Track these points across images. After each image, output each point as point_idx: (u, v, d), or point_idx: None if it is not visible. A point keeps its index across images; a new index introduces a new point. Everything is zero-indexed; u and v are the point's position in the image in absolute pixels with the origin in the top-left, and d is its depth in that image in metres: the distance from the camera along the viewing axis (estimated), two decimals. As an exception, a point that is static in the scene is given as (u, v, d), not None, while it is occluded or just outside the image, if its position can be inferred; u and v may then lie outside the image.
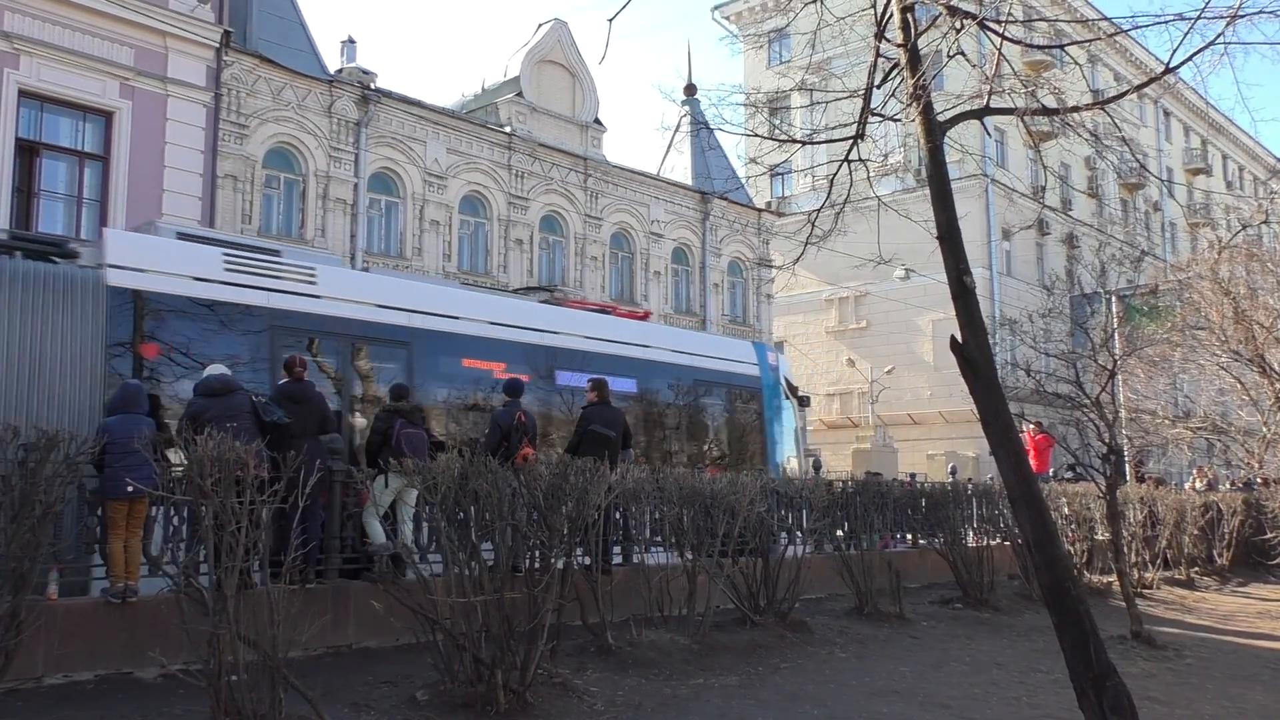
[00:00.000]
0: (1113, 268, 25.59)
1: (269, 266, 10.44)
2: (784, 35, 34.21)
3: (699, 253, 29.25)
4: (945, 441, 33.81)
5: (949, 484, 15.82)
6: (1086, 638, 6.65)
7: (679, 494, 9.94)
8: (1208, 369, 21.54)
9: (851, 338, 38.66)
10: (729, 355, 15.94)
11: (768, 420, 15.98)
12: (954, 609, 12.97)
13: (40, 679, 6.81)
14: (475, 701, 6.91)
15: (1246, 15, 6.56)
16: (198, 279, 9.80)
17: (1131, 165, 31.90)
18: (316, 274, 10.82)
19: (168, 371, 9.57)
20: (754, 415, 15.94)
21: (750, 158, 19.23)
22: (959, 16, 7.41)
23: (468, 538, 7.33)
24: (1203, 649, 11.91)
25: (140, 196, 16.70)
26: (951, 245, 7.16)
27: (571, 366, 13.03)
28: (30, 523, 6.30)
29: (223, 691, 5.88)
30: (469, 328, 12.08)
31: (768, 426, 15.97)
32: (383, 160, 21.86)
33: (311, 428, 8.84)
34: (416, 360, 11.44)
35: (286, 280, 10.46)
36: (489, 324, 12.36)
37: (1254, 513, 19.86)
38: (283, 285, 10.39)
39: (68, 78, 16.13)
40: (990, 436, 7.10)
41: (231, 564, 6.01)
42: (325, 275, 10.97)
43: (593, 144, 26.50)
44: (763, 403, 15.94)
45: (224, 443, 6.22)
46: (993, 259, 36.33)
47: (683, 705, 7.60)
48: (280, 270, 10.50)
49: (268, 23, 20.31)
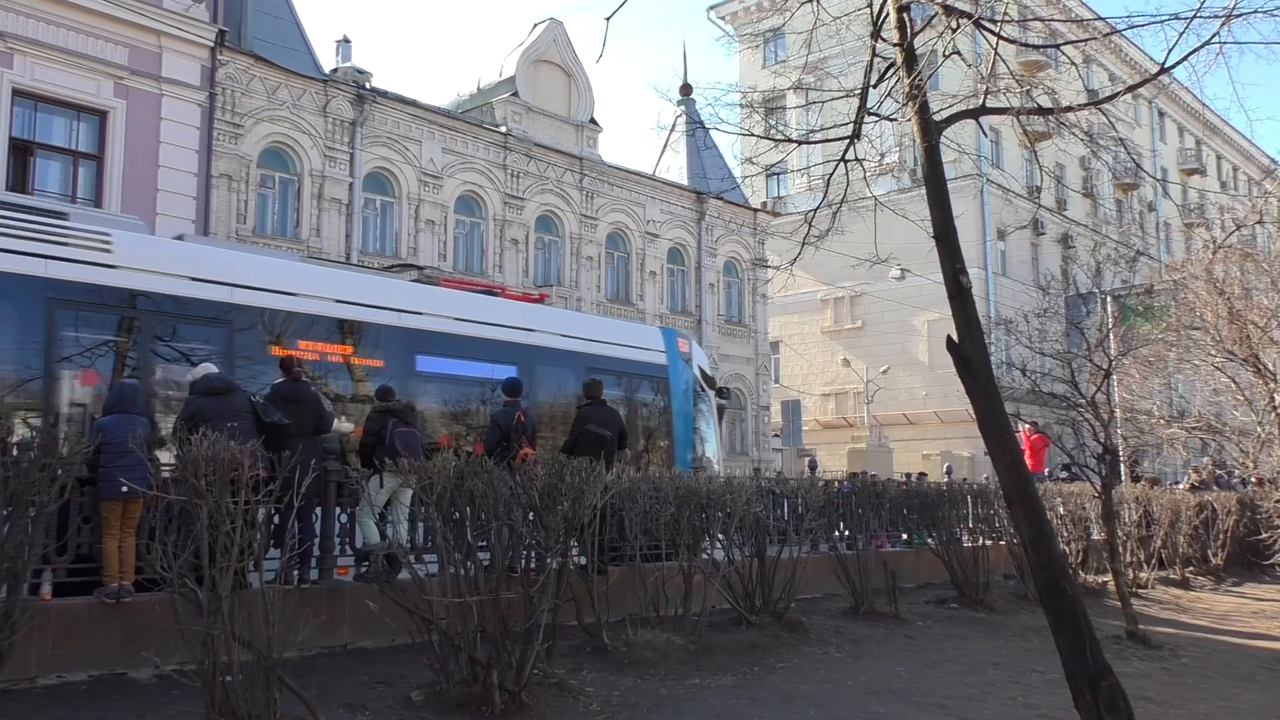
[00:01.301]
0: (1108, 268, 25.69)
1: (49, 231, 9.06)
2: (779, 35, 34.26)
3: (694, 253, 29.24)
4: (940, 441, 33.85)
5: (944, 484, 15.83)
6: (1082, 637, 6.65)
7: (675, 494, 9.95)
8: (1202, 369, 21.53)
9: (847, 338, 38.69)
10: (630, 342, 14.49)
11: (676, 412, 14.57)
12: (950, 609, 12.98)
13: (34, 679, 6.78)
14: (471, 702, 6.90)
15: (1242, 15, 6.57)
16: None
17: (1126, 165, 31.94)
18: (112, 241, 9.46)
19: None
20: (660, 407, 14.57)
21: (746, 157, 19.24)
22: (955, 16, 7.40)
23: (463, 537, 7.32)
24: (1198, 649, 11.92)
25: (134, 196, 16.66)
26: (948, 245, 7.16)
27: (439, 351, 11.82)
28: (24, 522, 6.27)
29: (217, 692, 5.87)
30: (309, 305, 10.77)
31: (676, 419, 14.57)
32: (378, 160, 21.84)
33: (308, 428, 8.83)
34: (238, 340, 10.12)
35: (72, 247, 9.08)
36: (335, 302, 11.09)
37: (1249, 512, 19.90)
38: (67, 252, 9.01)
39: (62, 77, 16.09)
40: (986, 436, 7.10)
41: (226, 564, 6.00)
42: (124, 242, 9.61)
43: (588, 144, 26.49)
44: (670, 394, 14.58)
45: (219, 442, 6.20)
46: (988, 259, 36.37)
47: (678, 705, 7.59)
48: (64, 235, 9.13)
49: (262, 22, 20.28)
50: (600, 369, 12.94)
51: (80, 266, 9.09)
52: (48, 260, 8.89)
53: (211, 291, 9.96)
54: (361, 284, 11.95)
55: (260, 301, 10.38)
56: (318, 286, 11.13)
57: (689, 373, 14.97)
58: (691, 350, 15.35)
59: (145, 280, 9.58)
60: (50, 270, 8.88)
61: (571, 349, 13.28)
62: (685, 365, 14.92)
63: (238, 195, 19.30)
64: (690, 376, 14.97)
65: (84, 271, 9.11)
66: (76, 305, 9.14)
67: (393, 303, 11.64)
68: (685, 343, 15.39)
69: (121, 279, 9.41)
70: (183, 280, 9.82)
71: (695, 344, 16.26)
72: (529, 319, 13.14)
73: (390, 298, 11.75)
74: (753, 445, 30.24)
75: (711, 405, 15.57)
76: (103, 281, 9.25)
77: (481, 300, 13.17)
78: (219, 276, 10.12)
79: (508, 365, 12.01)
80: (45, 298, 8.85)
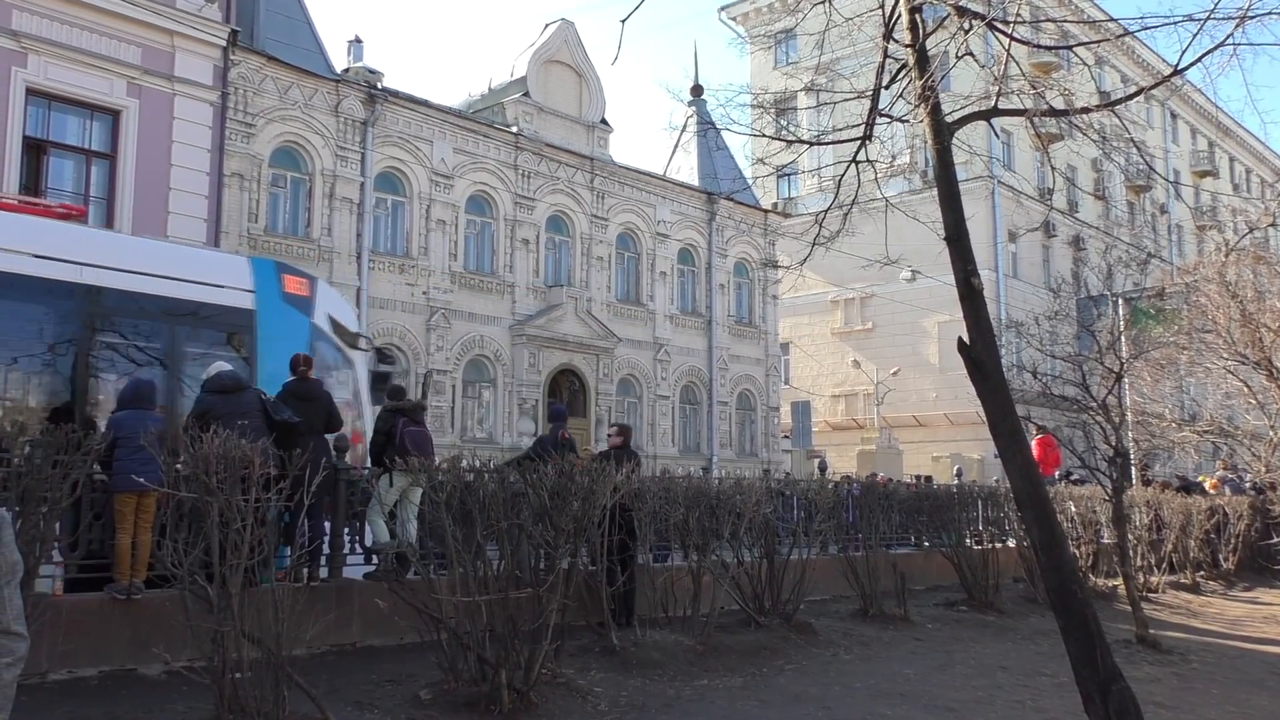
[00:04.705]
0: (1119, 270, 25.64)
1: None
2: (791, 36, 34.21)
3: (705, 253, 29.24)
4: (950, 444, 33.77)
5: (954, 486, 15.78)
6: (1092, 641, 6.62)
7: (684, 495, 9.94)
8: (1214, 372, 21.47)
9: (857, 339, 38.63)
10: (184, 273, 10.13)
11: (264, 371, 10.13)
12: (959, 611, 12.94)
13: (45, 675, 6.81)
14: (479, 701, 6.90)
15: (1256, 16, 6.53)
16: None
17: (1139, 167, 31.85)
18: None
19: None
20: (239, 365, 9.92)
21: (757, 158, 19.23)
22: (967, 17, 7.38)
23: (473, 537, 7.33)
24: (1208, 654, 11.86)
25: (147, 195, 16.74)
26: (959, 246, 7.14)
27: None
28: (36, 518, 6.31)
29: (226, 688, 5.89)
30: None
31: (265, 378, 9.93)
32: (389, 160, 21.89)
33: (318, 425, 8.87)
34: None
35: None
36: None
37: (1260, 517, 19.79)
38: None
39: (75, 76, 16.17)
40: (997, 439, 7.07)
41: (236, 561, 6.02)
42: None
43: (599, 144, 26.51)
44: (256, 350, 10.38)
45: (230, 440, 6.23)
46: (999, 261, 36.27)
47: (686, 706, 7.58)
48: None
49: (275, 22, 20.36)
50: (129, 309, 9.57)
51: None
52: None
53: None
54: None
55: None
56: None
57: (303, 322, 10.93)
58: (316, 293, 11.32)
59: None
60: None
61: (76, 281, 9.16)
62: (297, 313, 10.89)
63: (249, 194, 19.38)
64: (306, 327, 10.95)
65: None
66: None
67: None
68: (301, 282, 11.27)
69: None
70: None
71: (325, 286, 12.21)
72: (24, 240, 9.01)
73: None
74: (762, 446, 30.21)
75: (356, 369, 11.64)
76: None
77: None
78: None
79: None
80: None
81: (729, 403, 29.41)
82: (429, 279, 22.39)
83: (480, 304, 23.42)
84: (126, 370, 9.43)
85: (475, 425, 23.32)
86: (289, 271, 11.44)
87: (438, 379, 21.76)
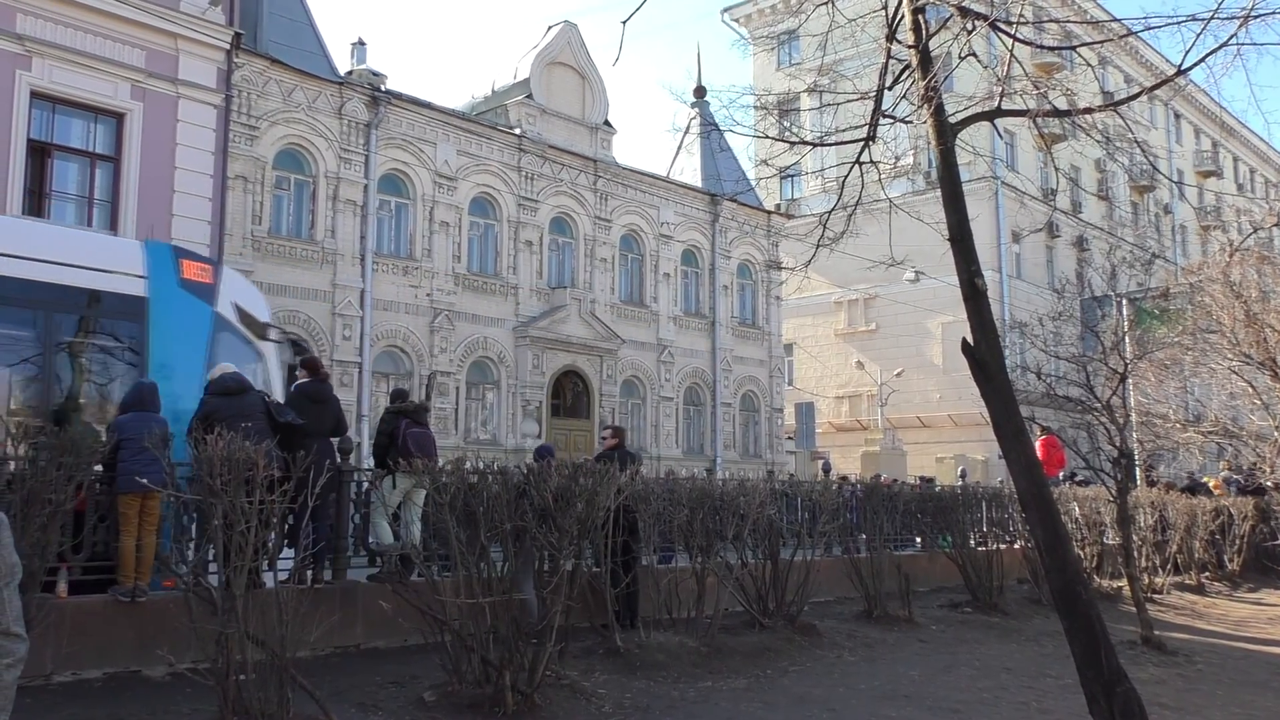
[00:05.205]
0: (1123, 271, 25.59)
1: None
2: (794, 37, 34.21)
3: (709, 255, 29.23)
4: (954, 445, 33.72)
5: (958, 487, 15.76)
6: (1097, 643, 6.61)
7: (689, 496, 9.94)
8: (1219, 373, 21.44)
9: (861, 340, 38.60)
10: (73, 259, 9.36)
11: (157, 367, 9.27)
12: (963, 613, 12.93)
13: (49, 677, 6.82)
14: (483, 703, 6.90)
15: (1260, 16, 6.53)
16: None
17: (1143, 167, 31.80)
18: None
19: None
20: (127, 357, 9.58)
21: (760, 160, 19.21)
22: (970, 18, 7.38)
23: (476, 539, 7.33)
24: (1213, 655, 11.83)
25: (151, 197, 16.75)
26: (963, 247, 7.14)
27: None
28: (40, 520, 6.32)
29: (230, 690, 5.89)
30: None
31: (157, 370, 9.18)
32: (392, 162, 21.91)
33: (327, 428, 8.90)
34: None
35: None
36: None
37: (1265, 518, 19.75)
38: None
39: (79, 79, 16.19)
40: (1001, 440, 7.07)
41: (240, 563, 6.03)
42: None
43: (602, 146, 26.52)
44: (148, 341, 9.48)
45: (234, 442, 6.24)
46: (1002, 262, 36.23)
47: (690, 708, 7.58)
48: None
49: (278, 25, 20.38)
50: None
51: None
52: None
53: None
54: None
55: None
56: None
57: (204, 311, 9.98)
58: (220, 280, 10.36)
59: None
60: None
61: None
62: (198, 301, 9.93)
63: (253, 197, 19.40)
64: (208, 316, 10.02)
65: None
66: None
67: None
68: (202, 268, 10.30)
69: None
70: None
71: (232, 273, 11.30)
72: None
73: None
74: (766, 448, 30.19)
75: (267, 362, 10.55)
76: None
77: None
78: None
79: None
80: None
81: (733, 404, 29.40)
82: (432, 281, 22.41)
83: (484, 306, 23.43)
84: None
85: (479, 427, 23.32)
86: (189, 256, 10.53)
87: (441, 381, 21.76)
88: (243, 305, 10.50)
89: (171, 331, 9.62)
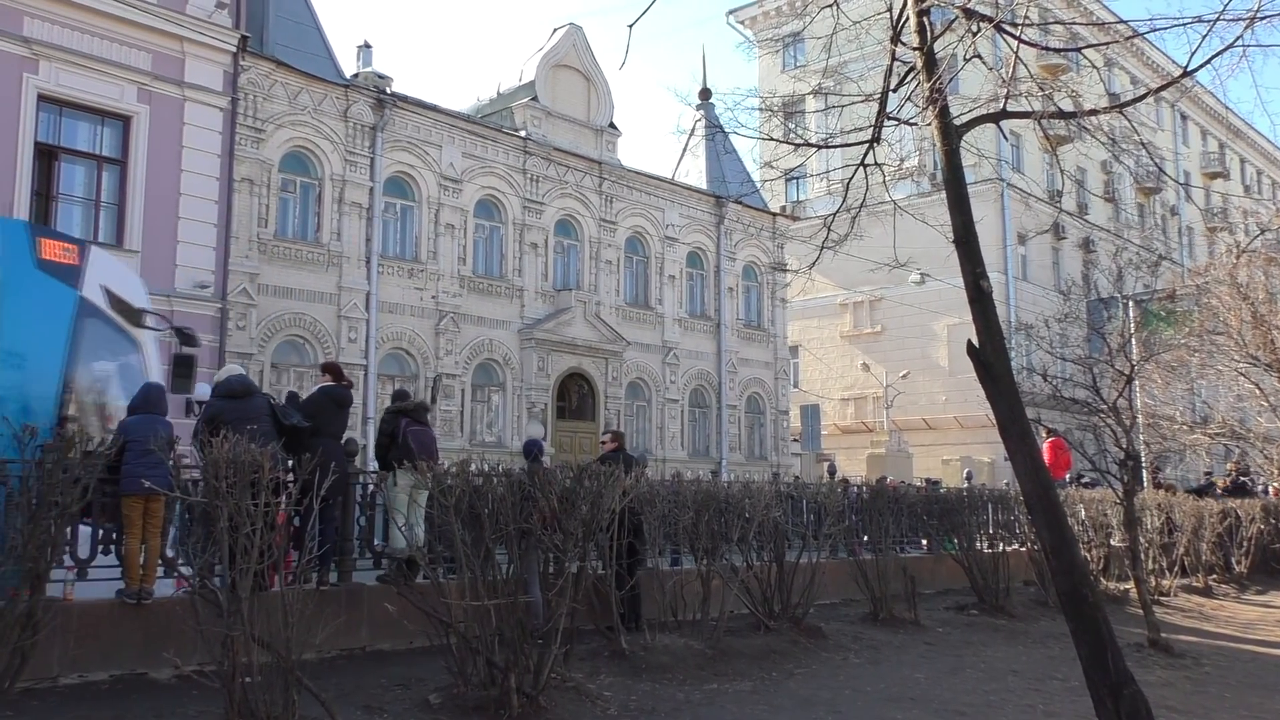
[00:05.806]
0: (1129, 272, 25.48)
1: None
2: (799, 40, 34.22)
3: (714, 257, 29.23)
4: (960, 447, 33.69)
5: (964, 489, 15.73)
6: (1104, 645, 6.59)
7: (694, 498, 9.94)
8: (1225, 374, 21.37)
9: (866, 342, 38.56)
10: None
11: (4, 351, 8.20)
12: (969, 615, 12.90)
13: (56, 679, 6.84)
14: (488, 705, 6.90)
15: (1267, 17, 6.50)
16: None
17: (1149, 169, 31.74)
18: None
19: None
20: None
21: (765, 162, 19.19)
22: (975, 20, 7.37)
23: (481, 541, 7.33)
24: (1221, 657, 11.79)
25: (157, 200, 16.81)
26: (968, 249, 7.12)
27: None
28: (47, 523, 6.33)
29: (236, 692, 5.90)
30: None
31: (5, 359, 8.22)
32: (398, 164, 21.95)
33: (339, 431, 8.94)
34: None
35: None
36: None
37: (1273, 520, 19.69)
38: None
39: (86, 82, 16.25)
40: (1007, 442, 7.05)
41: (246, 565, 6.03)
42: None
43: (607, 148, 26.53)
44: None
45: (240, 445, 6.24)
46: (1008, 264, 36.18)
47: (696, 710, 7.57)
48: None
49: (284, 28, 20.44)
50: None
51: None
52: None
53: None
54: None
55: None
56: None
57: (68, 294, 8.84)
58: (87, 262, 9.18)
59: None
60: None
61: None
62: (58, 284, 8.79)
63: (259, 199, 19.44)
64: (72, 300, 8.87)
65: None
66: None
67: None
68: (65, 248, 9.11)
69: None
70: None
71: (101, 253, 10.05)
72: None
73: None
74: (771, 450, 30.18)
75: (144, 351, 9.54)
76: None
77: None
78: None
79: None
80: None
81: (738, 406, 29.39)
82: (438, 283, 22.44)
83: (489, 308, 23.45)
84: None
85: (484, 429, 23.34)
86: (49, 235, 9.44)
87: (447, 383, 21.80)
88: (113, 289, 9.40)
89: (23, 317, 8.49)
